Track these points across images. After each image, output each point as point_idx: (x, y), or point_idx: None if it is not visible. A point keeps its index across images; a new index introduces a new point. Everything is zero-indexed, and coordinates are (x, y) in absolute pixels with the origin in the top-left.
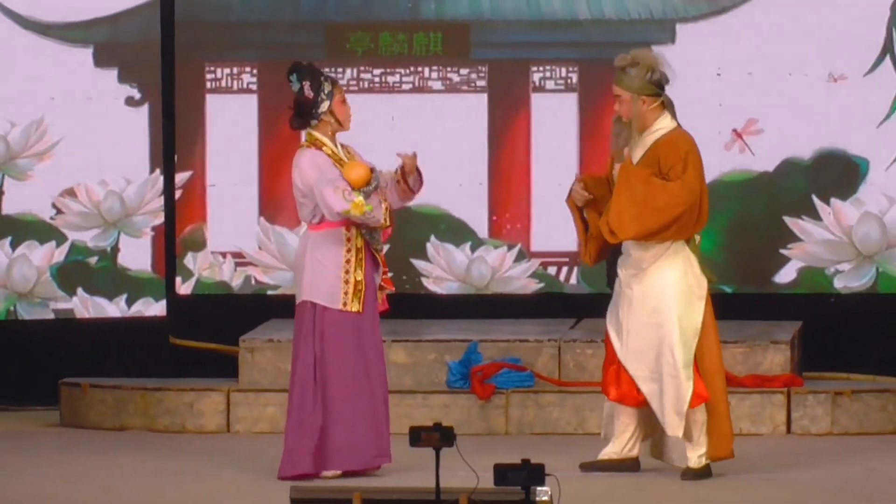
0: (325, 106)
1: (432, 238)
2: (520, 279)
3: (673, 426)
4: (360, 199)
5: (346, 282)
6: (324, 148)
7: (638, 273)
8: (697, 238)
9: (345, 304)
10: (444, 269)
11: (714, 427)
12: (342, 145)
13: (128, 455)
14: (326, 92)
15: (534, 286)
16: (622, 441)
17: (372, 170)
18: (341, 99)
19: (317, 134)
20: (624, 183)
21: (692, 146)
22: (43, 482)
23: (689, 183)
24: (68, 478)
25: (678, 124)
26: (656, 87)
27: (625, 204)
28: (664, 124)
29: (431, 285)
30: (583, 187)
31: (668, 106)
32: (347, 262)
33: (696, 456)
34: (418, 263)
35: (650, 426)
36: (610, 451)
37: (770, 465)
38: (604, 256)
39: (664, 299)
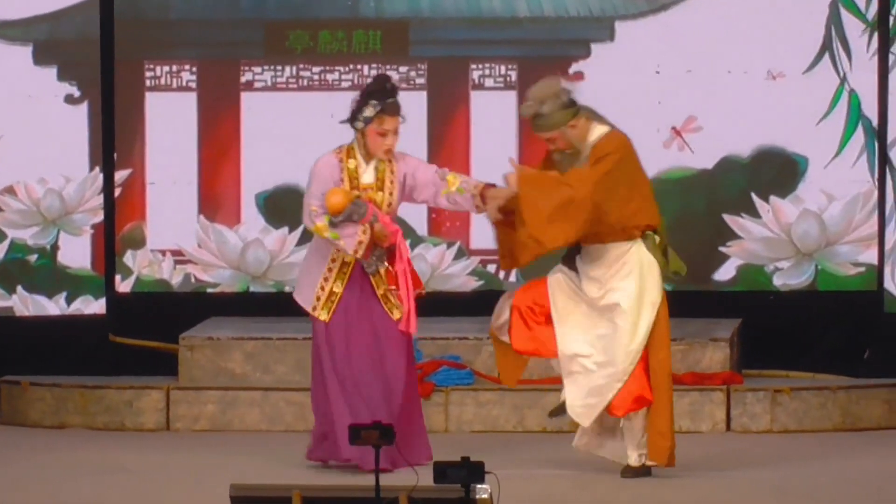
0: (359, 125)
1: None
2: (459, 277)
3: (579, 415)
4: (323, 223)
5: (322, 289)
6: (349, 161)
7: (598, 275)
8: (657, 238)
9: (314, 309)
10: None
11: (653, 433)
12: (398, 155)
13: (68, 453)
14: (364, 116)
15: (473, 284)
16: None
17: (352, 201)
18: (378, 130)
19: (354, 144)
20: (530, 190)
21: (619, 146)
22: None
23: (584, 172)
24: (8, 476)
25: (611, 126)
26: (572, 107)
27: (536, 211)
28: (598, 132)
29: None
30: (496, 207)
31: (592, 115)
32: (329, 270)
33: (636, 455)
34: None
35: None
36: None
37: (709, 463)
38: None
39: (622, 302)
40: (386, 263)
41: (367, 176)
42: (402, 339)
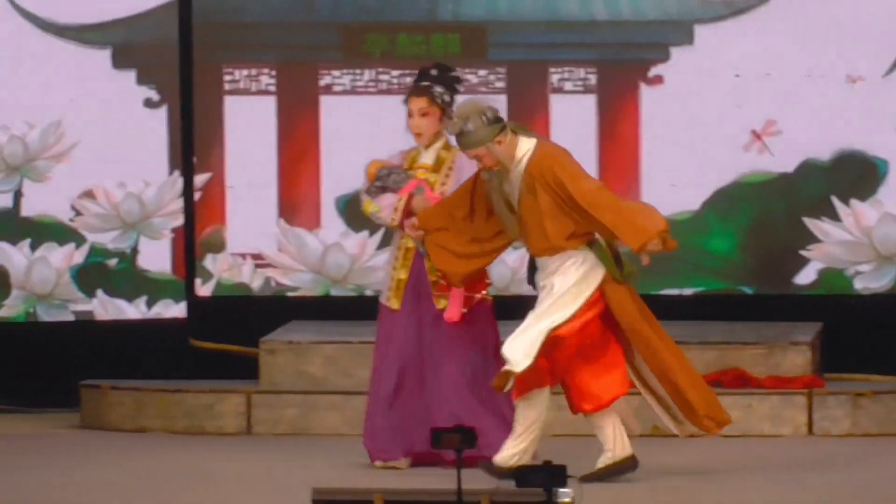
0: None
1: None
2: None
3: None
4: (367, 199)
5: (392, 278)
6: (412, 151)
7: (550, 274)
8: (603, 244)
9: (387, 300)
10: None
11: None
12: (455, 150)
13: (147, 457)
14: (405, 99)
15: None
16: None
17: (385, 167)
18: (407, 112)
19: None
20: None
21: (566, 156)
22: (63, 485)
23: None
24: (88, 480)
25: (538, 137)
26: (497, 124)
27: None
28: (525, 146)
29: None
30: (416, 228)
31: (518, 129)
32: (396, 258)
33: (604, 458)
34: None
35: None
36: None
37: (791, 467)
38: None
39: (555, 286)
40: None
41: (426, 157)
42: (451, 329)
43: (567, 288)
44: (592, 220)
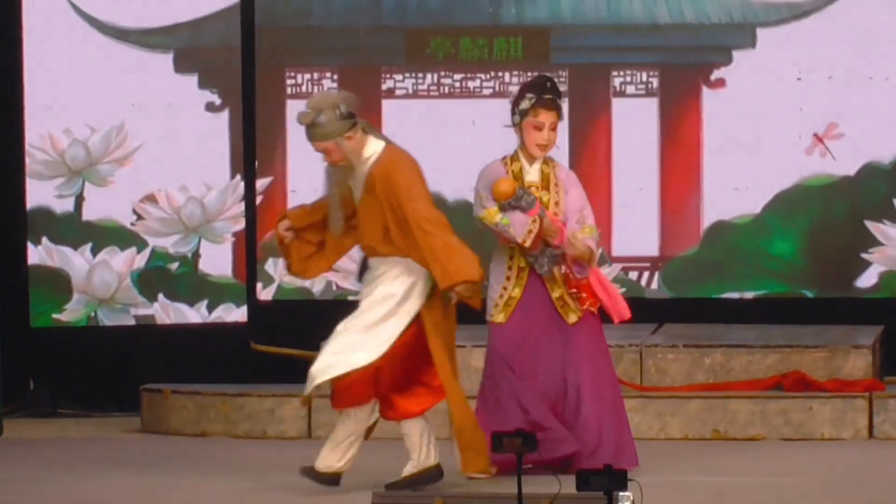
0: (516, 119)
1: None
2: None
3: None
4: (494, 208)
5: (501, 296)
6: (513, 164)
7: (376, 277)
8: None
9: (492, 316)
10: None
11: (467, 442)
12: (552, 163)
13: (209, 461)
14: (521, 108)
15: None
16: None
17: (519, 188)
18: (534, 123)
19: (517, 150)
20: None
21: (411, 165)
22: (124, 488)
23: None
24: (149, 484)
25: (387, 141)
26: (349, 119)
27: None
28: (373, 147)
29: None
30: (287, 227)
31: (369, 129)
32: (507, 278)
33: (408, 467)
34: None
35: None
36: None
37: (852, 470)
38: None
39: (377, 295)
40: (560, 266)
41: (531, 175)
42: (589, 340)
43: (390, 307)
44: (414, 242)
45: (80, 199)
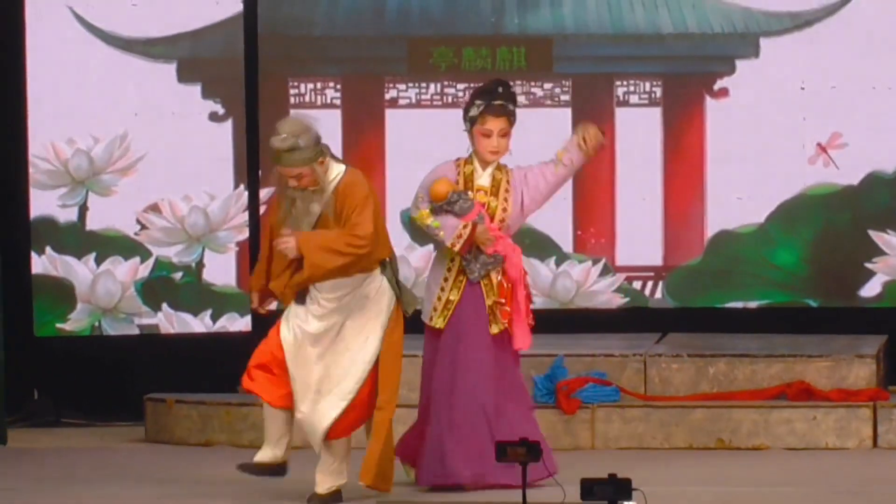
0: (466, 126)
1: None
2: (604, 293)
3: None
4: (426, 210)
5: (439, 299)
6: (466, 166)
7: (338, 296)
8: (389, 265)
9: (430, 319)
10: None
11: (375, 457)
12: (505, 169)
13: (213, 471)
14: (469, 116)
15: (619, 301)
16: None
17: (455, 191)
18: (481, 130)
19: (472, 154)
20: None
21: (366, 185)
22: (128, 498)
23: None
24: (154, 494)
25: (344, 163)
26: (319, 144)
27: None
28: (336, 169)
29: None
30: (259, 299)
31: (329, 153)
32: (445, 280)
33: (328, 483)
34: None
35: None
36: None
37: (856, 480)
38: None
39: (358, 327)
40: (494, 273)
41: (482, 180)
42: (504, 354)
43: (368, 338)
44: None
45: (83, 209)
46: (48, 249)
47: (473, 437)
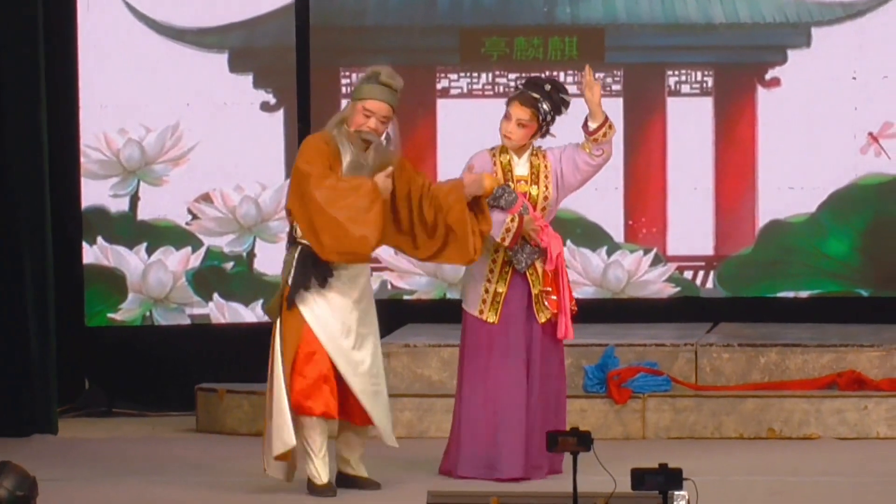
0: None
1: (568, 243)
2: (656, 283)
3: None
4: None
5: (486, 291)
6: (501, 155)
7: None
8: None
9: (481, 313)
10: (580, 274)
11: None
12: (542, 153)
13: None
14: (508, 100)
15: (670, 290)
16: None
17: (501, 186)
18: (505, 113)
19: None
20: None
21: None
22: (180, 488)
23: None
24: (205, 484)
25: None
26: None
27: None
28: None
29: None
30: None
31: None
32: (491, 272)
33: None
34: None
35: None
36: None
37: None
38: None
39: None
40: (538, 262)
41: (521, 168)
42: (554, 344)
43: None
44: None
45: (135, 199)
46: (99, 239)
47: (519, 431)
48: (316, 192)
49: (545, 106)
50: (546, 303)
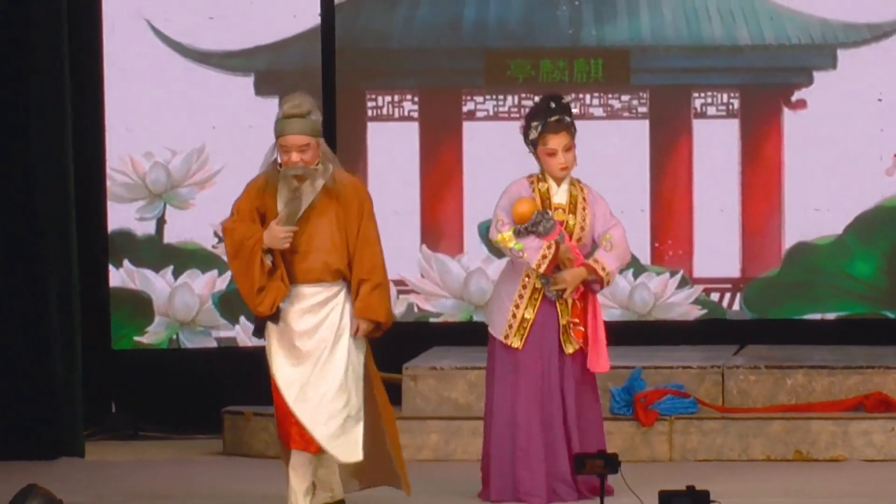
0: (531, 150)
1: None
2: (682, 305)
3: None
4: (508, 233)
5: (514, 316)
6: (540, 184)
7: (312, 309)
8: None
9: (506, 338)
10: (606, 296)
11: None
12: (580, 185)
13: None
14: (530, 139)
15: (696, 312)
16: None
17: (540, 212)
18: (547, 151)
19: (544, 170)
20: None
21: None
22: None
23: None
24: None
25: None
26: None
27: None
28: (330, 156)
29: None
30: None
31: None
32: (520, 297)
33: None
34: None
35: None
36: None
37: None
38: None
39: (341, 339)
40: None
41: (559, 197)
42: (584, 375)
43: (354, 351)
44: (351, 260)
45: (161, 222)
46: (126, 262)
47: (540, 457)
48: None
49: (567, 119)
50: (573, 333)
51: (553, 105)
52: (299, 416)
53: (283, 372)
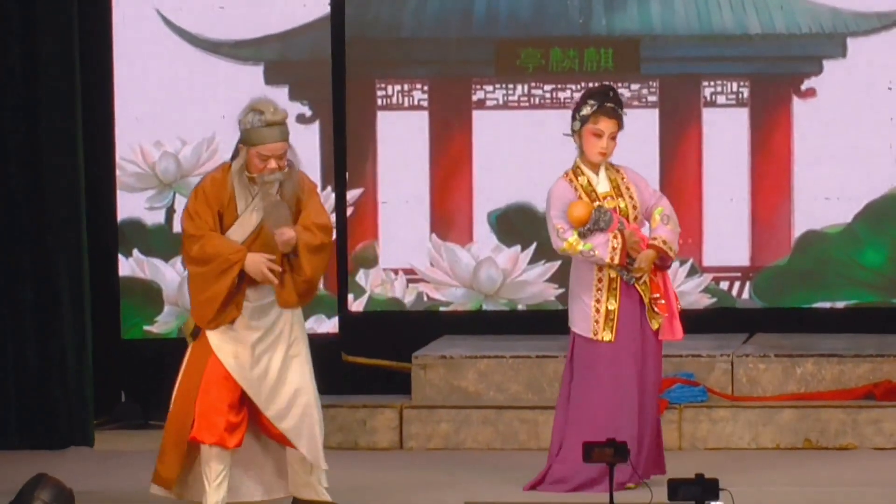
0: (576, 125)
1: None
2: (692, 294)
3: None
4: (573, 238)
5: (598, 311)
6: (578, 179)
7: (264, 306)
8: None
9: (595, 333)
10: None
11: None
12: (614, 167)
13: None
14: (581, 114)
15: (706, 301)
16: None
17: (594, 210)
18: (594, 130)
19: (577, 161)
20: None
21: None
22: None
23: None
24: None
25: None
26: None
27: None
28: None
29: None
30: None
31: None
32: (598, 290)
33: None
34: None
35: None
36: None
37: None
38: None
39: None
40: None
41: (602, 186)
42: (659, 350)
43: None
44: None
45: (170, 212)
46: (135, 252)
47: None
48: (189, 256)
49: (621, 111)
50: (656, 308)
51: (612, 94)
52: (267, 413)
53: (232, 361)
